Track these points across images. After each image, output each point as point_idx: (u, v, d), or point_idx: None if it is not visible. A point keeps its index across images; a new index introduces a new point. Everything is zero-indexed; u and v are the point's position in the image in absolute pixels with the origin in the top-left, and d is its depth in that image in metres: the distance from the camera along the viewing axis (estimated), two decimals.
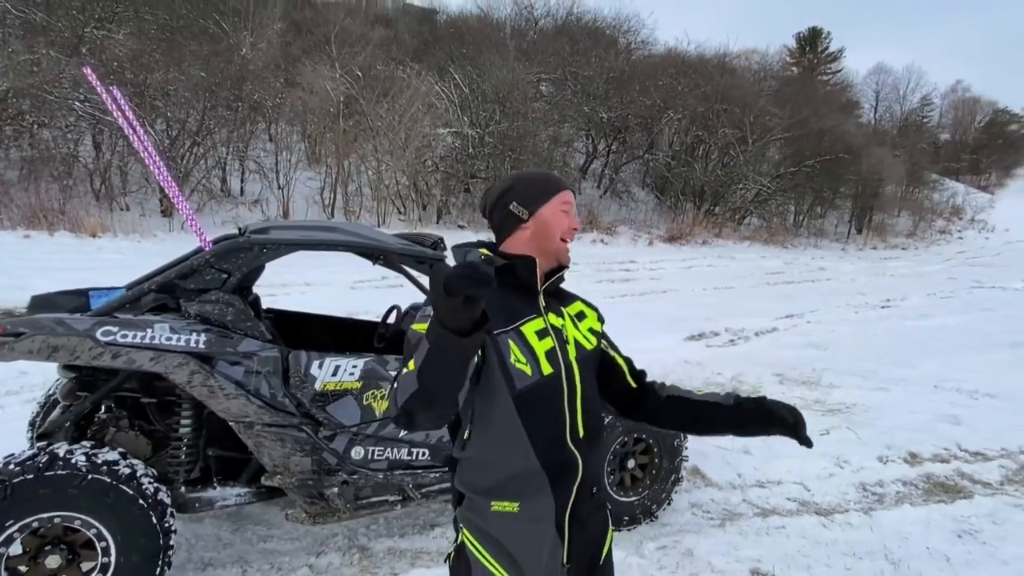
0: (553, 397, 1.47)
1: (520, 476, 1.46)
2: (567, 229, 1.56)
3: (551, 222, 1.55)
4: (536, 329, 1.49)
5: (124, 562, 2.42)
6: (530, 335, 1.48)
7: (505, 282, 1.48)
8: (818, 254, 22.50)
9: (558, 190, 1.57)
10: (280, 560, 3.07)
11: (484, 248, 1.58)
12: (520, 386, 1.44)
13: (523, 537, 1.47)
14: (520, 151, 17.67)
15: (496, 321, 1.42)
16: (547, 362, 1.47)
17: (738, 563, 3.10)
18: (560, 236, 1.55)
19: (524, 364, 1.45)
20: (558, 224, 1.55)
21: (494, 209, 1.60)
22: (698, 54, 27.53)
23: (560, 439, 1.47)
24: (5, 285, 7.75)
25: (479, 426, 1.48)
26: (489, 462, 1.49)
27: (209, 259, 2.76)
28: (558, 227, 1.55)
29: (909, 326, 10.16)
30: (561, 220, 1.56)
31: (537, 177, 1.62)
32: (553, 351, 1.49)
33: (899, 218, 29.66)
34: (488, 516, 1.48)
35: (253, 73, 15.62)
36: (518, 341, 1.46)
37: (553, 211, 1.55)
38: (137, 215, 13.20)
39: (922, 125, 44.58)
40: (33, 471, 2.28)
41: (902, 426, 5.25)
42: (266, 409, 2.71)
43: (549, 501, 1.46)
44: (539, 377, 1.45)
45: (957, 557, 3.30)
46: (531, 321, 1.50)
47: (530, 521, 1.46)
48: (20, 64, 12.36)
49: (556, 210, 1.55)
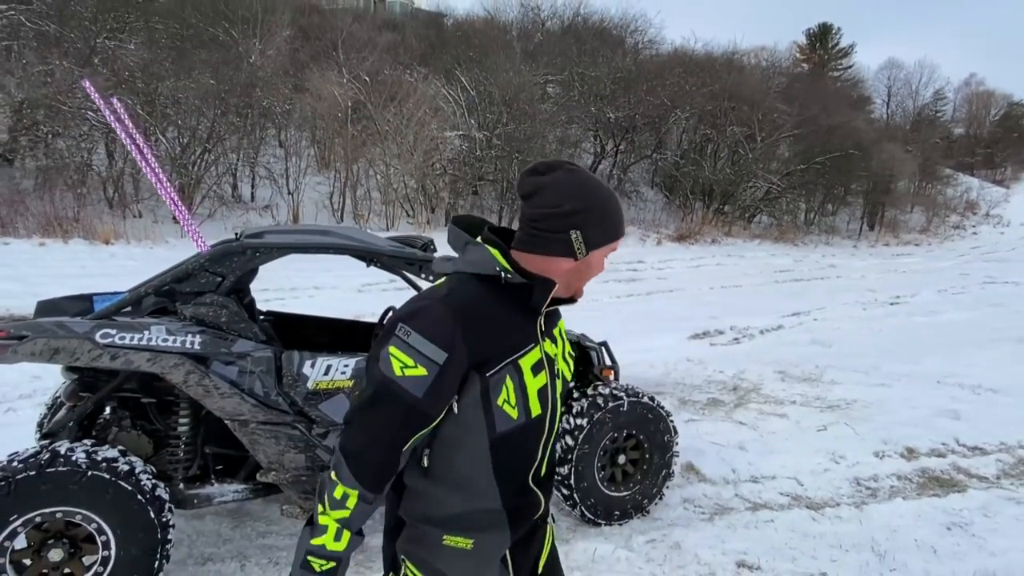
0: (531, 439, 1.35)
1: (478, 514, 1.34)
2: (598, 273, 1.39)
3: (594, 267, 1.36)
4: (533, 363, 1.32)
5: (124, 555, 2.52)
6: (527, 370, 1.30)
7: (508, 299, 1.29)
8: (829, 251, 22.39)
9: (616, 235, 1.35)
10: (278, 555, 3.16)
11: (496, 250, 1.31)
12: (501, 430, 1.29)
13: (472, 573, 1.36)
14: (527, 153, 17.74)
15: (493, 351, 1.26)
16: (537, 402, 1.32)
17: (724, 555, 3.15)
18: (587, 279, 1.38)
19: (512, 407, 1.28)
20: (598, 269, 1.37)
21: (549, 217, 1.29)
22: (706, 52, 27.52)
23: (525, 481, 1.38)
24: (20, 292, 7.95)
25: (439, 462, 1.32)
26: (446, 498, 1.34)
27: (203, 263, 2.86)
28: (597, 271, 1.37)
29: (917, 322, 10.13)
30: (600, 265, 1.37)
31: (613, 214, 1.34)
32: (545, 389, 1.34)
33: (912, 214, 29.39)
34: (437, 549, 1.34)
35: (262, 80, 15.83)
36: (515, 378, 1.28)
37: (600, 258, 1.35)
38: (149, 222, 13.42)
39: (935, 120, 44.15)
40: (35, 468, 2.38)
41: (901, 421, 5.27)
42: (260, 407, 2.80)
43: (505, 538, 1.36)
44: (525, 420, 1.30)
45: (944, 549, 3.33)
46: (529, 353, 1.32)
47: (482, 558, 1.35)
48: (34, 75, 12.64)
49: (601, 257, 1.35)
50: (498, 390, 1.26)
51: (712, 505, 3.82)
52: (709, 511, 3.73)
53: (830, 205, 26.38)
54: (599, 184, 1.34)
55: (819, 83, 33.83)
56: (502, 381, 1.26)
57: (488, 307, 1.27)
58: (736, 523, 3.53)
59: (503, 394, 1.26)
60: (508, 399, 1.27)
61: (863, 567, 3.13)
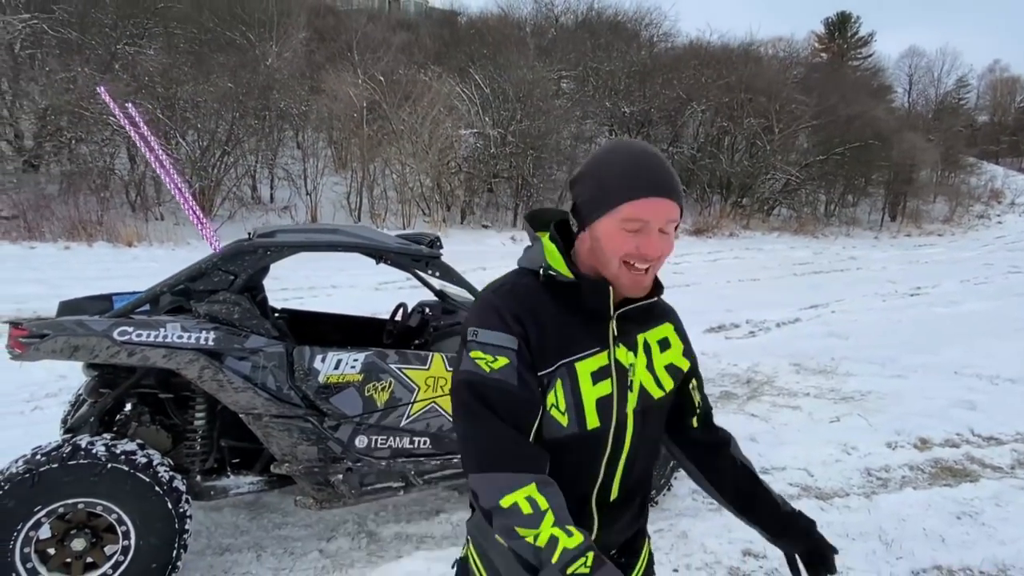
0: (589, 454, 1.18)
1: None
2: (633, 253, 1.12)
3: (604, 245, 1.14)
4: (594, 368, 1.16)
5: (143, 545, 2.62)
6: (584, 376, 1.15)
7: (564, 297, 1.18)
8: (849, 243, 22.13)
9: (627, 198, 1.11)
10: (293, 545, 3.25)
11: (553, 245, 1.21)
12: (549, 437, 1.15)
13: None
14: (542, 149, 17.78)
15: (544, 347, 1.14)
16: (595, 414, 1.16)
17: (730, 544, 3.18)
18: (622, 259, 1.13)
19: (561, 414, 1.15)
20: (612, 247, 1.13)
21: (571, 189, 1.22)
22: (722, 44, 27.34)
23: (582, 500, 1.19)
24: (45, 295, 8.15)
25: None
26: None
27: (216, 262, 2.95)
28: (612, 251, 1.13)
29: (937, 313, 10.01)
30: (618, 241, 1.13)
31: (615, 169, 1.14)
32: (608, 400, 1.17)
33: (935, 204, 28.92)
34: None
35: (279, 82, 16.03)
36: (566, 382, 1.15)
37: (609, 229, 1.13)
38: (171, 224, 13.67)
39: (958, 107, 43.36)
40: (58, 460, 2.48)
41: (915, 412, 5.24)
42: (273, 401, 2.89)
43: None
44: (577, 431, 1.15)
45: (953, 538, 3.32)
46: (591, 357, 1.17)
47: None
48: (57, 82, 12.92)
49: (614, 229, 1.13)
50: (547, 392, 1.14)
51: None
52: (715, 502, 3.75)
53: (850, 196, 26.08)
54: (616, 146, 1.19)
55: (838, 73, 33.41)
56: (552, 384, 1.14)
57: (539, 303, 1.18)
58: None
59: (551, 397, 1.14)
60: (557, 404, 1.14)
61: (869, 555, 3.14)
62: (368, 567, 3.05)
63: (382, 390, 3.11)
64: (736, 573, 3.01)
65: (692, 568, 3.02)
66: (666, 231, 1.14)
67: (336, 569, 3.04)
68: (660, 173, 1.14)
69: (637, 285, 1.15)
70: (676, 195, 1.15)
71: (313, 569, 3.04)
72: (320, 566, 3.07)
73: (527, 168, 17.58)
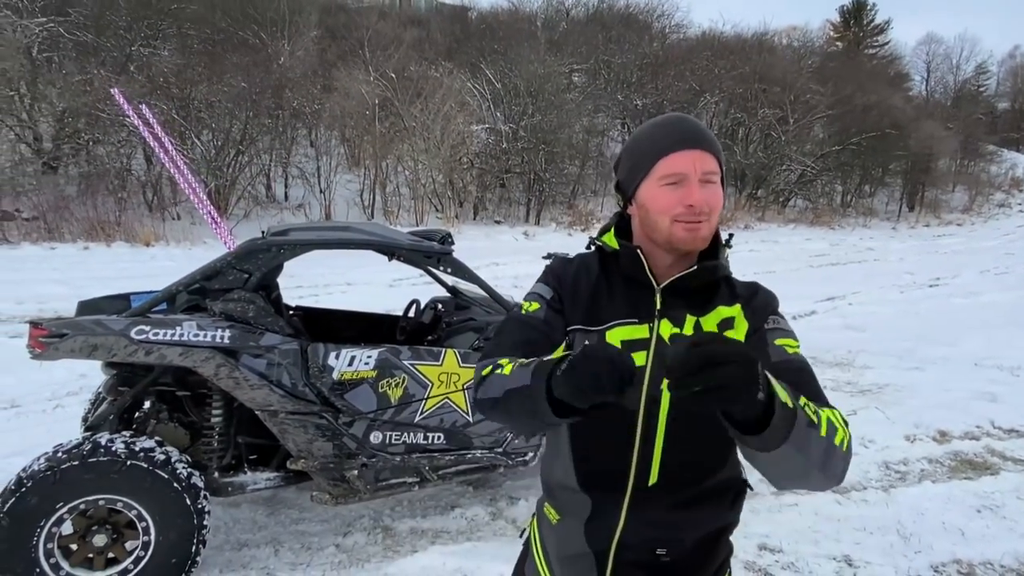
0: (618, 428, 1.15)
1: (565, 490, 1.25)
2: (676, 208, 1.13)
3: (649, 207, 1.17)
4: (626, 338, 1.16)
5: (163, 540, 2.66)
6: (614, 344, 1.15)
7: (619, 269, 1.23)
8: (867, 234, 21.87)
9: (658, 156, 1.15)
10: (310, 540, 3.28)
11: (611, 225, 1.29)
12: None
13: (563, 551, 1.27)
14: (554, 144, 17.73)
15: (577, 309, 1.22)
16: None
17: (746, 539, 3.17)
18: (672, 218, 1.14)
19: None
20: (657, 207, 1.15)
21: (615, 172, 1.29)
22: (735, 34, 27.17)
23: (613, 477, 1.18)
24: (67, 295, 8.28)
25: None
26: (550, 458, 1.31)
27: (231, 260, 2.98)
28: (659, 211, 1.15)
29: (956, 304, 9.88)
30: (662, 200, 1.14)
31: (644, 136, 1.21)
32: (640, 373, 1.13)
33: (954, 193, 28.50)
34: (541, 513, 1.33)
35: (292, 81, 16.12)
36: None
37: (650, 191, 1.16)
38: (188, 223, 13.81)
39: (978, 95, 42.64)
40: (79, 458, 2.53)
41: (934, 405, 5.18)
42: (288, 398, 2.92)
43: (580, 533, 1.22)
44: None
45: (973, 532, 3.29)
46: (625, 326, 1.17)
47: (567, 540, 1.25)
48: (74, 85, 13.08)
49: (654, 189, 1.15)
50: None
51: None
52: None
53: (867, 186, 25.77)
54: (647, 121, 1.26)
55: (854, 61, 32.96)
56: (580, 345, 1.17)
57: (585, 271, 1.27)
58: (759, 507, 3.53)
59: None
60: None
61: (887, 549, 3.11)
62: (384, 561, 3.07)
63: (396, 386, 3.12)
64: (752, 567, 3.00)
65: None
66: (709, 181, 1.14)
67: (353, 563, 3.07)
68: (688, 127, 1.17)
69: (694, 237, 1.14)
70: (708, 145, 1.16)
71: (330, 563, 3.07)
72: (337, 560, 3.10)
73: (539, 163, 17.54)
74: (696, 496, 1.18)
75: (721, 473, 1.20)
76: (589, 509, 1.20)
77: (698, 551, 1.21)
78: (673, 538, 1.18)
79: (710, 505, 1.20)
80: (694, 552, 1.21)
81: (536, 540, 1.34)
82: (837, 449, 0.98)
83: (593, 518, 1.20)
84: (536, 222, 18.01)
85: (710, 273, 1.19)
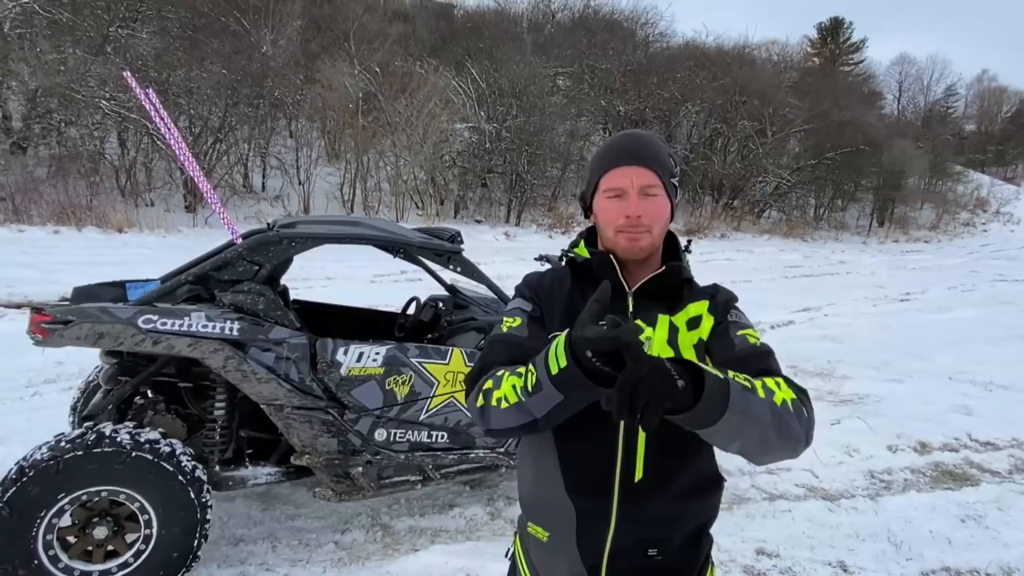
0: (601, 427, 1.18)
1: (550, 503, 1.26)
2: (619, 219, 1.22)
3: (599, 218, 1.28)
4: None
5: (165, 534, 2.60)
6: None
7: (588, 278, 1.29)
8: (838, 247, 22.36)
9: (603, 171, 1.25)
10: (307, 537, 3.24)
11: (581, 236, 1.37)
12: None
13: (556, 571, 1.28)
14: (537, 145, 17.77)
15: (551, 318, 1.27)
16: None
17: (744, 543, 3.22)
18: (615, 228, 1.23)
19: None
20: (604, 218, 1.26)
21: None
22: (717, 46, 27.52)
23: (601, 478, 1.20)
24: (37, 279, 8.05)
25: (524, 441, 1.33)
26: (528, 475, 1.32)
27: (242, 252, 2.93)
28: (605, 222, 1.26)
29: (927, 319, 10.15)
30: (606, 212, 1.25)
31: (597, 152, 1.30)
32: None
33: (922, 211, 29.31)
34: (526, 534, 1.33)
35: (274, 70, 15.89)
36: None
37: (599, 203, 1.27)
38: (162, 211, 13.53)
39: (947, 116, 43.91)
40: (83, 448, 2.46)
41: (914, 416, 5.32)
42: (295, 393, 2.88)
43: (572, 546, 1.24)
44: None
45: (959, 540, 3.38)
46: None
47: (559, 558, 1.26)
48: (48, 63, 12.70)
49: (602, 201, 1.26)
50: None
51: (730, 495, 3.88)
52: (727, 501, 3.79)
53: (840, 201, 26.36)
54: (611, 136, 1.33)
55: (830, 78, 33.70)
56: None
57: (560, 283, 1.32)
58: (754, 513, 3.59)
59: None
60: None
61: (880, 556, 3.19)
62: (385, 560, 3.05)
63: (403, 384, 3.10)
64: (751, 571, 3.04)
65: None
66: (649, 194, 1.22)
67: (353, 561, 3.04)
68: (629, 145, 1.25)
69: (634, 247, 1.23)
70: (648, 161, 1.23)
71: (330, 560, 3.04)
72: (336, 558, 3.06)
73: (521, 164, 17.59)
74: (681, 491, 1.22)
75: (701, 465, 1.25)
76: (575, 519, 1.22)
77: (686, 547, 1.26)
78: (662, 536, 1.22)
79: (694, 499, 1.25)
80: (683, 549, 1.25)
81: (522, 560, 1.35)
82: (782, 408, 1.03)
83: (583, 528, 1.22)
84: (517, 223, 18.03)
85: (677, 274, 1.27)
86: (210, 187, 3.24)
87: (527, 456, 1.33)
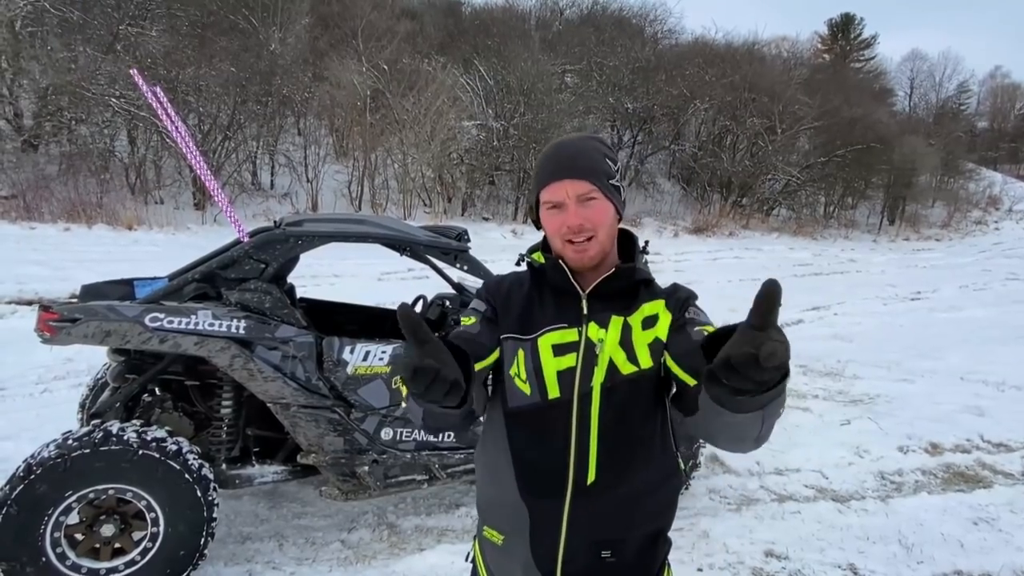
0: (554, 427, 1.22)
1: (504, 505, 1.28)
2: (562, 229, 1.25)
3: (546, 229, 1.30)
4: (557, 342, 1.25)
5: (171, 532, 2.60)
6: (545, 349, 1.24)
7: (546, 281, 1.33)
8: (848, 246, 22.19)
9: (540, 187, 1.28)
10: (314, 535, 3.24)
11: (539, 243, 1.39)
12: (513, 405, 1.26)
13: (507, 573, 1.31)
14: (545, 143, 17.68)
15: (509, 320, 1.30)
16: (556, 385, 1.23)
17: (752, 545, 3.19)
18: (561, 239, 1.26)
19: (523, 382, 1.25)
20: (549, 230, 1.29)
21: None
22: (726, 43, 27.31)
23: (554, 479, 1.22)
24: (48, 276, 8.09)
25: (485, 429, 1.35)
26: (484, 477, 1.36)
27: (248, 250, 2.92)
28: (551, 233, 1.29)
29: (938, 318, 10.06)
30: (549, 224, 1.28)
31: (536, 167, 1.33)
32: (570, 373, 1.23)
33: (933, 209, 29.02)
34: (484, 538, 1.35)
35: (282, 68, 15.90)
36: (528, 353, 1.25)
37: (543, 216, 1.29)
38: (171, 208, 13.57)
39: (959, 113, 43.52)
40: (90, 446, 2.46)
41: (925, 417, 5.27)
42: (301, 391, 2.88)
43: (526, 548, 1.25)
44: (539, 400, 1.23)
45: (972, 543, 3.35)
46: (555, 331, 1.26)
47: (514, 561, 1.28)
48: (58, 62, 12.77)
49: (544, 214, 1.28)
50: (510, 360, 1.27)
51: (738, 496, 3.85)
52: (736, 502, 3.76)
53: (850, 199, 26.13)
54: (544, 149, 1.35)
55: (841, 74, 33.43)
56: (513, 352, 1.27)
57: (517, 286, 1.37)
58: (763, 514, 3.56)
59: (514, 366, 1.26)
60: (519, 373, 1.25)
61: (891, 559, 3.16)
62: (391, 559, 3.04)
63: None
64: (759, 573, 3.02)
65: (715, 568, 3.03)
66: (588, 199, 1.24)
67: (359, 560, 3.03)
68: (560, 158, 1.27)
69: (579, 256, 1.26)
70: (578, 172, 1.24)
71: (336, 559, 3.03)
72: (343, 556, 3.06)
73: (529, 161, 17.52)
74: (635, 493, 1.24)
75: (654, 467, 1.27)
76: (528, 521, 1.24)
77: (642, 550, 1.28)
78: (616, 538, 1.24)
79: (647, 501, 1.26)
80: (639, 551, 1.27)
81: (480, 564, 1.38)
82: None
83: (536, 531, 1.24)
84: (524, 221, 17.99)
85: (628, 275, 1.30)
86: (217, 185, 3.24)
87: (482, 458, 1.37)
